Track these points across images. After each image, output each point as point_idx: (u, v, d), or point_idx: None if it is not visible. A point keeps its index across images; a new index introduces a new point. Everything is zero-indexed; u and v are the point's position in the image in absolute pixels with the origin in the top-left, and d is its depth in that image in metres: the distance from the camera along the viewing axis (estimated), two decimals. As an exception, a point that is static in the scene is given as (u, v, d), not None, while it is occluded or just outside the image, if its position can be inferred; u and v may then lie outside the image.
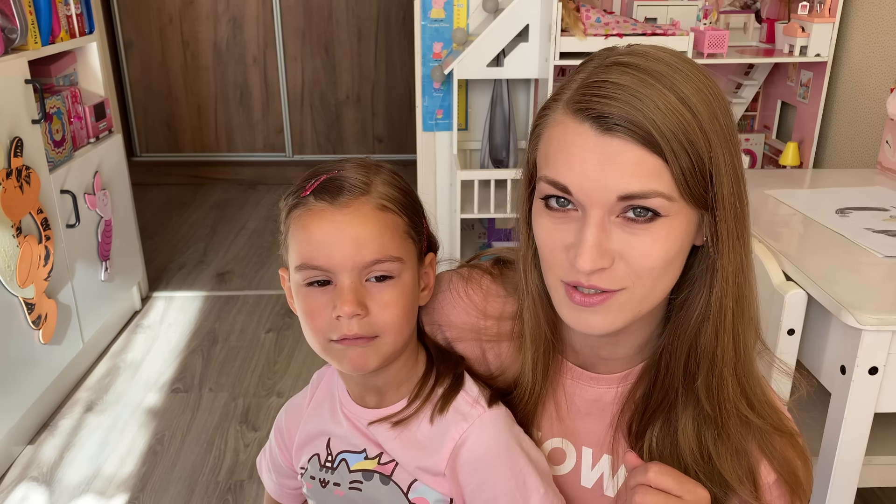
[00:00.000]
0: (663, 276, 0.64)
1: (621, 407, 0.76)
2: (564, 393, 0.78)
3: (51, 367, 1.96)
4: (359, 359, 0.70)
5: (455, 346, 0.82)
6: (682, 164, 0.59)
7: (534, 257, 0.71)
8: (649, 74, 0.60)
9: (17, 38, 1.83)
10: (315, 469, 0.82)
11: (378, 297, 0.69)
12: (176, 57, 3.84)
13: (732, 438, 0.70)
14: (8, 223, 1.73)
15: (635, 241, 0.61)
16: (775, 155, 2.27)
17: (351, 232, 0.68)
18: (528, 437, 0.75)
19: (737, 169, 0.64)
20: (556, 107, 0.65)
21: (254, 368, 2.26)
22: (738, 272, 0.66)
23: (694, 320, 0.68)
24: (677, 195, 0.61)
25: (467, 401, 0.74)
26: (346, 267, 0.68)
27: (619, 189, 0.59)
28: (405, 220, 0.72)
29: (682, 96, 0.59)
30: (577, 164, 0.61)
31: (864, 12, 1.96)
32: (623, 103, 0.59)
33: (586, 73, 0.64)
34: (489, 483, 0.72)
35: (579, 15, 1.99)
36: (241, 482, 1.77)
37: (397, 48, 3.83)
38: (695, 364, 0.69)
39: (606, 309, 0.64)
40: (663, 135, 0.58)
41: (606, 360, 0.76)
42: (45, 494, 1.74)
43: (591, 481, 0.78)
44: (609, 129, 0.59)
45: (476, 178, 2.10)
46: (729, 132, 0.63)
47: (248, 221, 3.47)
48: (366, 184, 0.70)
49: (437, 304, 0.82)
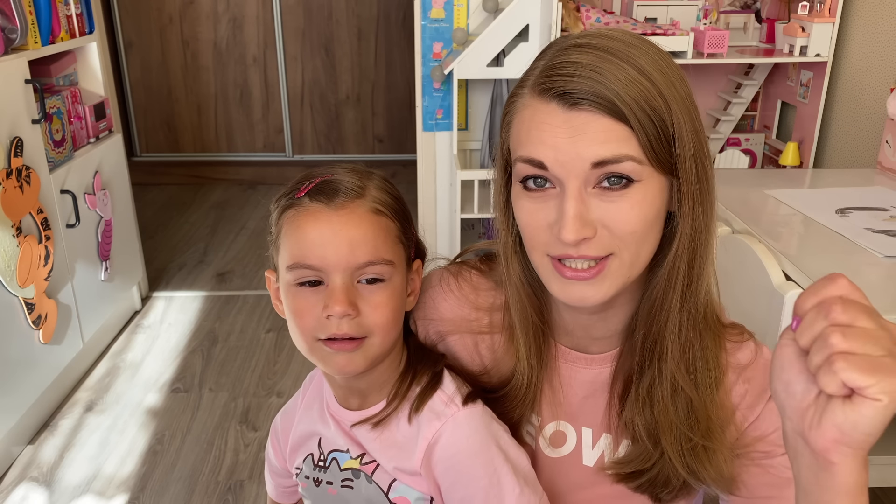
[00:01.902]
0: (646, 240, 0.66)
1: (613, 383, 0.77)
2: (560, 377, 0.79)
3: (51, 367, 1.96)
4: (346, 363, 0.71)
5: (447, 340, 0.82)
6: (647, 129, 0.62)
7: (514, 245, 0.73)
8: (606, 51, 0.63)
9: (17, 38, 1.83)
10: (309, 469, 0.83)
11: (369, 298, 0.70)
12: (176, 57, 3.84)
13: (674, 399, 0.71)
14: (8, 223, 1.73)
15: (613, 208, 0.63)
16: (775, 155, 2.27)
17: (346, 233, 0.69)
18: (508, 436, 0.76)
19: (698, 133, 0.66)
20: (522, 92, 0.67)
21: (254, 368, 2.26)
22: (696, 235, 0.67)
23: (653, 284, 0.70)
24: (646, 160, 0.63)
25: (442, 399, 0.75)
26: (339, 267, 0.69)
27: (592, 156, 0.62)
28: (397, 225, 0.73)
29: (639, 67, 0.62)
30: (549, 139, 0.63)
31: (864, 12, 1.96)
32: (585, 79, 0.62)
33: (546, 59, 0.66)
34: (462, 481, 0.73)
35: (579, 15, 1.99)
36: (241, 482, 1.77)
37: (397, 48, 3.83)
38: (649, 326, 0.71)
39: (600, 280, 0.66)
40: (626, 104, 0.61)
41: (598, 339, 0.76)
42: (45, 494, 1.74)
43: (593, 460, 0.79)
44: (575, 104, 0.62)
45: (476, 178, 2.11)
46: (687, 98, 0.65)
47: (248, 221, 3.47)
48: (360, 187, 0.72)
49: (428, 299, 0.83)
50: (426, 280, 0.84)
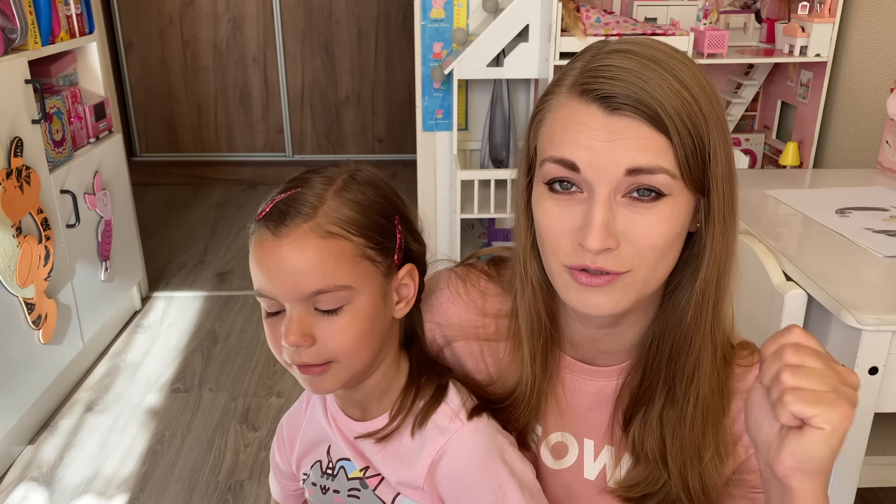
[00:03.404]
0: (665, 258, 0.65)
1: (619, 397, 0.76)
2: (564, 387, 0.78)
3: (51, 367, 1.96)
4: (316, 386, 0.71)
5: (453, 346, 0.81)
6: (685, 143, 0.61)
7: (532, 246, 0.71)
8: (650, 59, 0.62)
9: (17, 38, 1.83)
10: (317, 476, 0.82)
11: (327, 326, 0.68)
12: (176, 57, 3.84)
13: (688, 424, 0.71)
14: (8, 223, 1.73)
15: (639, 220, 0.62)
16: (775, 155, 2.27)
17: (288, 263, 0.66)
18: (513, 449, 0.74)
19: (729, 155, 0.65)
20: (558, 91, 0.66)
21: (254, 368, 2.26)
22: (723, 259, 0.67)
23: (680, 306, 0.69)
24: (679, 175, 0.62)
25: (447, 414, 0.73)
26: (287, 298, 0.67)
27: (629, 162, 0.61)
28: (357, 242, 0.68)
29: (682, 80, 0.61)
30: (586, 141, 0.62)
31: (864, 12, 1.96)
32: (629, 84, 0.60)
33: (585, 60, 0.65)
34: (467, 497, 0.72)
35: (579, 15, 1.99)
36: (241, 482, 1.77)
37: (397, 48, 3.83)
38: (678, 349, 0.70)
39: (612, 289, 0.65)
40: (668, 114, 0.60)
41: (605, 353, 0.76)
42: (45, 494, 1.74)
43: (594, 473, 0.78)
44: (617, 109, 0.61)
45: (476, 178, 2.10)
46: (722, 118, 0.65)
47: (248, 221, 3.41)
48: (314, 206, 0.68)
49: (436, 303, 0.82)
50: (433, 282, 0.83)
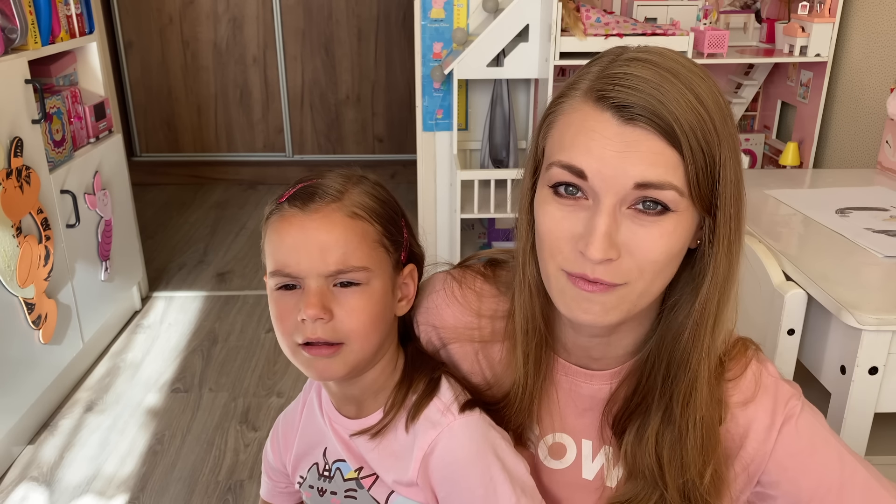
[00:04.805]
0: (662, 273, 0.65)
1: (610, 403, 0.76)
2: (559, 389, 0.78)
3: (51, 367, 1.96)
4: (324, 369, 0.71)
5: (449, 348, 0.81)
6: (697, 161, 0.60)
7: (532, 248, 0.71)
8: (669, 71, 0.61)
9: (17, 38, 1.83)
10: (314, 478, 0.82)
11: (344, 302, 0.70)
12: (176, 57, 3.84)
13: (688, 446, 0.70)
14: (8, 223, 1.73)
15: (642, 233, 0.62)
16: (775, 155, 2.27)
17: (316, 237, 0.69)
18: (507, 444, 0.74)
19: (739, 177, 0.64)
20: (572, 94, 0.65)
21: (254, 368, 2.26)
22: (724, 282, 0.67)
23: (678, 324, 0.69)
24: (687, 192, 0.61)
25: (439, 408, 0.74)
26: (311, 271, 0.69)
27: (638, 176, 0.60)
28: (378, 228, 0.72)
29: (699, 96, 0.61)
30: (597, 150, 0.61)
31: (864, 12, 1.96)
32: (647, 95, 0.60)
33: (601, 66, 0.64)
34: (459, 491, 0.72)
35: (579, 15, 1.99)
36: (241, 482, 1.77)
37: (397, 48, 3.83)
38: (675, 367, 0.70)
39: (605, 298, 0.64)
40: (683, 130, 0.59)
41: (598, 359, 0.76)
42: (45, 494, 1.74)
43: (593, 473, 0.79)
44: (631, 119, 0.60)
45: (476, 178, 2.10)
46: (735, 138, 0.64)
47: (248, 221, 3.47)
48: (340, 191, 0.71)
49: (431, 305, 0.82)
50: (428, 284, 0.83)
